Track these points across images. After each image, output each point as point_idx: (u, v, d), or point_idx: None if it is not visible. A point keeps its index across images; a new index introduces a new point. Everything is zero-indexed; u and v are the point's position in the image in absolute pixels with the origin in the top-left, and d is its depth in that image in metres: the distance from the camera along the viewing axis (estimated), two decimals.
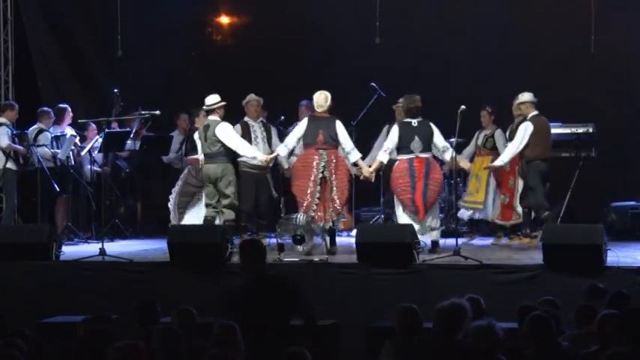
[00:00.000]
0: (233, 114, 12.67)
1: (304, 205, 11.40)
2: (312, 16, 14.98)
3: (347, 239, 13.18)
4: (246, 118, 12.95)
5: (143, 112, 13.95)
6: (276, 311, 7.09)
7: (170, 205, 12.76)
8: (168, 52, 15.14)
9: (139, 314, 7.48)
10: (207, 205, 11.98)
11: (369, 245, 10.51)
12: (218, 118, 11.93)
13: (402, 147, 11.64)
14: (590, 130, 13.11)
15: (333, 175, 11.47)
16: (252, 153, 12.03)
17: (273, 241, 11.37)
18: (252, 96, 12.89)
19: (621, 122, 14.15)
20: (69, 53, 15.68)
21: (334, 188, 11.46)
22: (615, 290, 7.87)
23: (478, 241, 13.10)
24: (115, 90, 14.02)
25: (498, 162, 12.05)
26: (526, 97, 12.09)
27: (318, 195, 11.43)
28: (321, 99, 11.68)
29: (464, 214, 13.24)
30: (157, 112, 13.77)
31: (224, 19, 16.25)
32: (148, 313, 7.48)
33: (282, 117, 13.81)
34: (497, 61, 14.37)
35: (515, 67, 14.40)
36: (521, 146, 11.88)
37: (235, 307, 7.13)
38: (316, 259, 10.83)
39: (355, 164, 12.13)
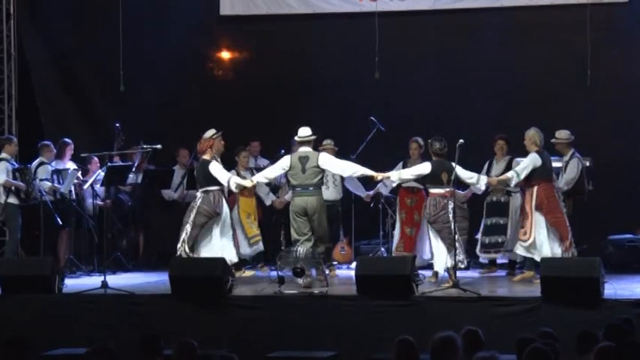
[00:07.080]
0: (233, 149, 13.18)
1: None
2: (312, 51, 15.13)
3: (347, 272, 13.28)
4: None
5: (145, 146, 14.08)
6: None
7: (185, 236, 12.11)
8: (169, 87, 15.28)
9: (141, 347, 7.54)
10: (297, 240, 11.65)
11: (368, 278, 10.59)
12: (311, 149, 11.93)
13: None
14: (588, 163, 13.19)
15: None
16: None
17: (274, 273, 11.42)
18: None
19: (618, 155, 14.23)
20: (71, 88, 15.80)
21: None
22: (611, 322, 7.91)
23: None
24: (117, 124, 14.17)
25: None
26: (562, 135, 12.31)
27: None
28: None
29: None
30: (159, 145, 13.85)
31: (225, 54, 16.34)
32: (151, 345, 7.54)
33: (283, 151, 13.89)
34: (495, 97, 14.46)
35: (512, 102, 14.49)
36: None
37: None
38: (316, 292, 10.88)
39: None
